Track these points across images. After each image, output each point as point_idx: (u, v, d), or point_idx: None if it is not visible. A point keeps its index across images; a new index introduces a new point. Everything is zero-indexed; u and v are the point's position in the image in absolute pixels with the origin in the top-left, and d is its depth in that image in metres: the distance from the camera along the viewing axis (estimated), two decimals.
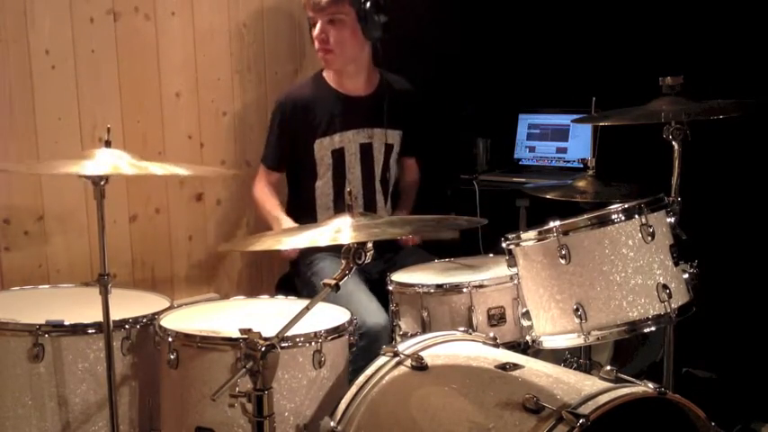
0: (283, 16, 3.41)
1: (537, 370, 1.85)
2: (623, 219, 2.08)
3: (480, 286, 2.40)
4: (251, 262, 3.43)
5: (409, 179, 3.25)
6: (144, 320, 2.26)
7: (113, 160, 2.14)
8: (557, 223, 2.10)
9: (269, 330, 1.69)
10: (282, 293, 2.85)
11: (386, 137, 3.04)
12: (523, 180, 3.28)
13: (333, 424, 1.89)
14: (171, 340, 2.09)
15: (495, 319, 2.40)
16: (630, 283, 2.07)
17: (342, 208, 1.81)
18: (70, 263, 2.91)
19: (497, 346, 2.11)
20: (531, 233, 2.16)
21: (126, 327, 2.24)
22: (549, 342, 2.19)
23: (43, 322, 2.15)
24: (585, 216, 2.10)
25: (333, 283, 1.70)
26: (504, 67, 3.60)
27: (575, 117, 2.92)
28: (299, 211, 3.01)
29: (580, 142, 3.45)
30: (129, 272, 3.07)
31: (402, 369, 1.95)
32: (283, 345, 1.80)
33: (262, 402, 1.68)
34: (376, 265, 2.72)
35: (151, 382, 2.26)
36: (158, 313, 2.26)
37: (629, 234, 2.08)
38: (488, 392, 1.78)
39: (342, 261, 1.71)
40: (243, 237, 3.34)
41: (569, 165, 3.46)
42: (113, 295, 2.12)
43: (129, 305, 2.32)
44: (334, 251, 1.76)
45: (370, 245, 1.71)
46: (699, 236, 2.28)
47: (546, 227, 2.12)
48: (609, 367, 1.78)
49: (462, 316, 2.39)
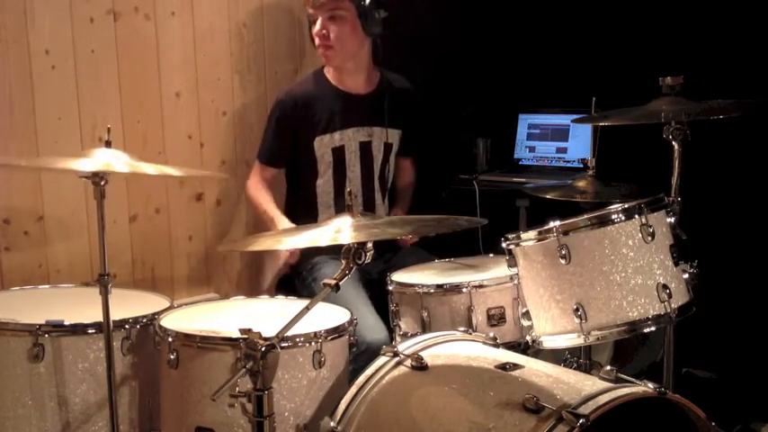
0: (283, 16, 3.41)
1: (537, 370, 1.85)
2: (623, 219, 2.08)
3: (480, 286, 2.40)
4: (251, 262, 3.43)
5: (405, 180, 3.25)
6: (144, 320, 2.26)
7: (108, 159, 2.13)
8: (557, 223, 2.10)
9: (269, 330, 1.69)
10: (282, 293, 2.85)
11: (385, 135, 3.04)
12: (523, 180, 3.28)
13: (333, 424, 1.89)
14: (171, 340, 2.09)
15: (495, 319, 2.40)
16: (630, 283, 2.07)
17: (343, 206, 1.81)
18: (70, 263, 2.91)
19: (497, 346, 2.11)
20: (531, 233, 2.16)
21: (126, 327, 2.24)
22: (549, 342, 2.19)
23: (43, 322, 2.15)
24: (585, 216, 2.10)
25: (333, 283, 1.70)
26: (504, 67, 3.60)
27: (575, 117, 2.92)
28: (299, 210, 3.01)
29: (580, 142, 3.45)
30: (129, 272, 3.07)
31: (402, 369, 1.96)
32: (283, 345, 1.80)
33: (262, 402, 1.68)
34: (376, 265, 2.72)
35: (151, 382, 2.26)
36: (158, 313, 2.26)
37: (629, 234, 2.08)
38: (488, 392, 1.78)
39: (342, 261, 1.71)
40: (243, 237, 3.34)
41: (569, 165, 3.46)
42: (113, 295, 2.12)
43: (129, 305, 2.32)
44: (335, 255, 1.76)
45: (370, 245, 1.71)
46: (699, 236, 2.28)
47: (546, 227, 2.12)
48: (609, 367, 1.78)
49: (462, 316, 2.39)
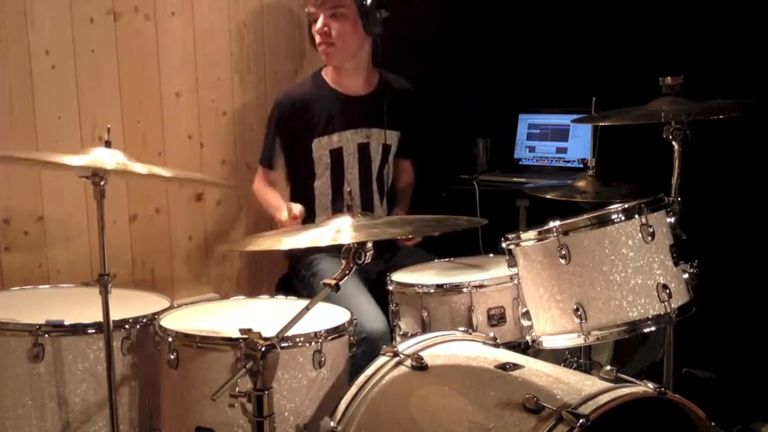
0: (283, 16, 3.41)
1: (537, 370, 1.85)
2: (623, 219, 2.08)
3: (480, 286, 2.40)
4: (251, 262, 3.43)
5: (405, 181, 3.24)
6: (144, 320, 2.26)
7: (108, 158, 2.12)
8: (557, 223, 2.10)
9: (269, 330, 1.69)
10: (282, 293, 2.85)
11: (384, 137, 3.03)
12: (523, 180, 3.28)
13: (333, 424, 1.89)
14: (171, 340, 2.09)
15: (495, 319, 2.40)
16: (630, 283, 2.07)
17: (340, 208, 1.81)
18: (70, 263, 2.91)
19: (497, 346, 2.11)
20: (531, 233, 2.16)
21: (126, 327, 2.24)
22: (549, 342, 2.19)
23: (43, 322, 2.15)
24: (585, 216, 2.10)
25: (333, 283, 1.70)
26: (504, 67, 3.60)
27: (575, 117, 2.92)
28: None
29: (580, 142, 3.45)
30: (129, 272, 3.07)
31: (402, 369, 1.95)
32: (283, 345, 1.80)
33: (262, 402, 1.68)
34: (375, 265, 2.72)
35: (151, 382, 2.26)
36: (158, 313, 2.26)
37: (629, 234, 2.08)
38: (488, 392, 1.78)
39: (342, 261, 1.71)
40: (243, 237, 3.34)
41: (569, 165, 3.46)
42: (113, 295, 2.12)
43: (129, 305, 2.32)
44: (334, 252, 1.76)
45: (369, 245, 1.71)
46: (699, 236, 2.28)
47: (546, 227, 2.12)
48: (609, 367, 1.78)
49: (462, 316, 2.39)
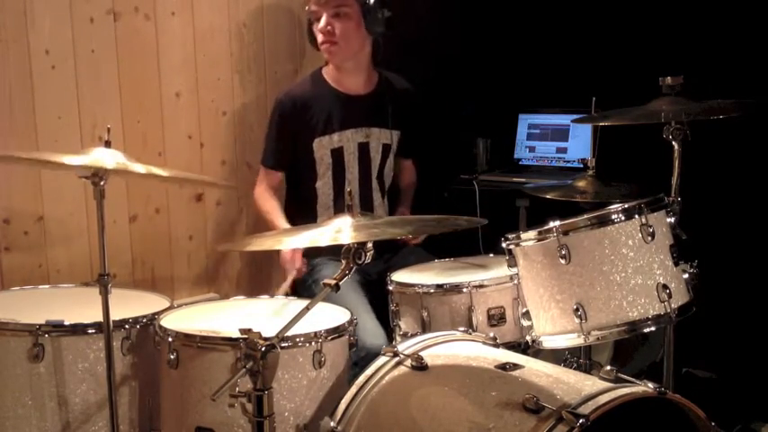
0: (283, 16, 3.41)
1: (537, 370, 1.85)
2: (623, 219, 2.08)
3: (480, 286, 2.40)
4: (251, 262, 3.43)
5: (407, 180, 3.24)
6: (144, 320, 2.26)
7: (108, 158, 2.12)
8: (557, 223, 2.10)
9: (269, 330, 1.69)
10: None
11: (383, 136, 3.03)
12: (523, 180, 3.28)
13: (333, 424, 1.89)
14: (171, 340, 2.09)
15: (495, 319, 2.40)
16: (630, 283, 2.07)
17: (342, 207, 1.81)
18: (70, 263, 2.91)
19: (497, 346, 2.11)
20: (531, 233, 2.16)
21: (126, 327, 2.24)
22: (549, 342, 2.19)
23: (43, 322, 2.15)
24: (585, 216, 2.10)
25: (333, 283, 1.70)
26: (504, 67, 3.60)
27: (575, 117, 2.92)
28: (298, 211, 3.01)
29: (580, 142, 3.45)
30: (129, 272, 3.07)
31: (402, 369, 1.95)
32: (283, 345, 1.80)
33: (262, 402, 1.68)
34: (376, 265, 2.72)
35: (151, 382, 2.26)
36: (158, 313, 2.26)
37: (629, 234, 2.08)
38: (488, 392, 1.78)
39: (342, 261, 1.71)
40: (243, 237, 3.34)
41: (569, 165, 3.46)
42: (113, 295, 2.12)
43: (129, 305, 2.32)
44: (335, 256, 1.76)
45: (370, 245, 1.71)
46: (699, 236, 2.28)
47: (546, 227, 2.12)
48: (609, 367, 1.78)
49: (462, 316, 2.39)
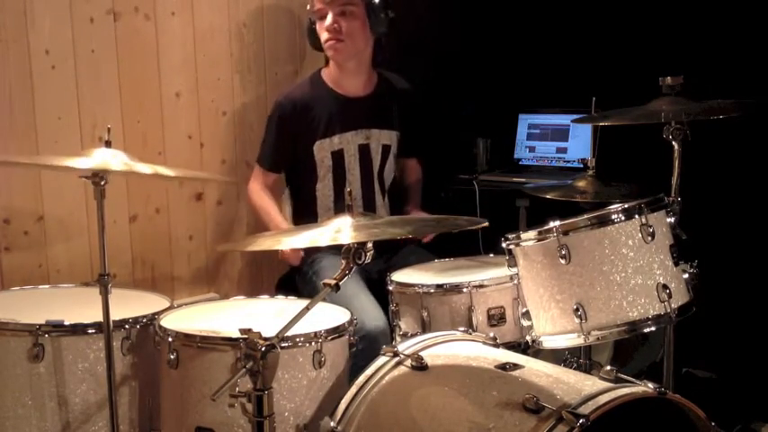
0: (283, 16, 3.41)
1: (537, 370, 1.85)
2: (623, 219, 2.08)
3: (480, 286, 2.40)
4: (251, 262, 3.43)
5: (412, 178, 3.24)
6: (144, 320, 2.26)
7: (106, 158, 2.12)
8: (557, 223, 2.10)
9: (269, 330, 1.69)
10: (282, 293, 2.84)
11: (384, 137, 3.03)
12: (523, 180, 3.28)
13: (333, 424, 1.89)
14: (171, 340, 2.09)
15: (495, 319, 2.40)
16: (630, 283, 2.07)
17: (342, 209, 1.81)
18: (70, 263, 2.91)
19: (497, 346, 2.11)
20: (531, 233, 2.16)
21: (126, 327, 2.24)
22: (549, 342, 2.19)
23: (43, 322, 2.15)
24: (585, 216, 2.10)
25: (333, 283, 1.70)
26: (504, 67, 3.60)
27: (575, 117, 2.92)
28: (300, 213, 3.02)
29: (580, 142, 3.45)
30: (129, 272, 3.07)
31: (402, 369, 1.95)
32: (283, 345, 1.80)
33: (262, 402, 1.68)
34: (376, 265, 2.72)
35: (151, 382, 2.26)
36: (158, 313, 2.26)
37: (629, 234, 2.08)
38: (488, 392, 1.78)
39: (342, 261, 1.71)
40: (243, 237, 3.34)
41: (569, 165, 3.46)
42: (113, 295, 2.12)
43: (129, 305, 2.32)
44: (336, 250, 1.76)
45: (370, 245, 1.71)
46: (699, 236, 2.28)
47: (546, 227, 2.12)
48: (609, 367, 1.78)
49: (462, 316, 2.39)
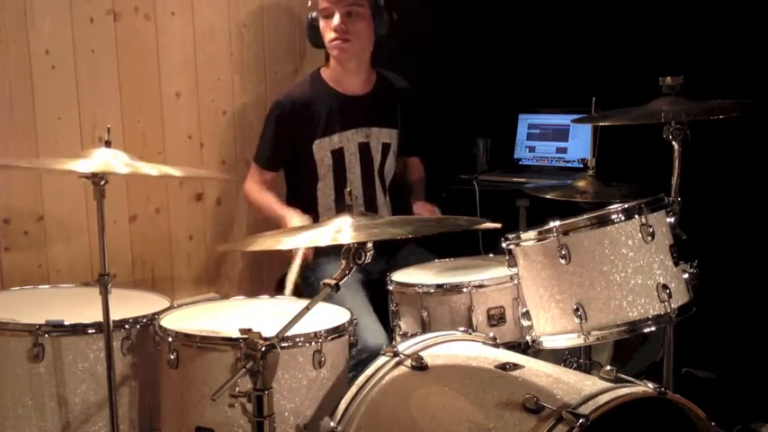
0: (283, 16, 3.41)
1: (537, 370, 1.85)
2: (623, 219, 2.08)
3: (480, 286, 2.40)
4: (251, 262, 3.43)
5: (416, 176, 3.24)
6: (144, 320, 2.26)
7: (109, 159, 2.13)
8: (557, 223, 2.10)
9: (269, 330, 1.69)
10: (282, 293, 2.84)
11: (383, 135, 3.04)
12: (523, 180, 3.28)
13: (333, 424, 1.89)
14: (171, 340, 2.09)
15: (495, 319, 2.40)
16: (630, 283, 2.07)
17: (343, 208, 1.80)
18: (70, 263, 2.91)
19: (497, 346, 2.11)
20: (531, 233, 2.16)
21: (126, 327, 2.24)
22: (549, 342, 2.19)
23: (43, 322, 2.15)
24: (585, 216, 2.10)
25: (333, 283, 1.70)
26: (504, 66, 3.60)
27: (575, 117, 2.92)
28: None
29: (580, 142, 3.45)
30: (129, 272, 3.07)
31: (402, 369, 1.95)
32: (283, 345, 1.80)
33: (262, 402, 1.68)
34: (376, 265, 2.72)
35: (151, 382, 2.26)
36: (158, 313, 2.26)
37: (629, 234, 2.08)
38: (488, 392, 1.78)
39: (342, 261, 1.71)
40: (243, 237, 3.34)
41: (569, 165, 3.46)
42: (113, 295, 2.12)
43: (129, 305, 2.32)
44: (339, 254, 1.76)
45: (370, 245, 1.71)
46: (699, 236, 2.28)
47: (546, 227, 2.12)
48: (609, 367, 1.78)
49: (462, 316, 2.39)
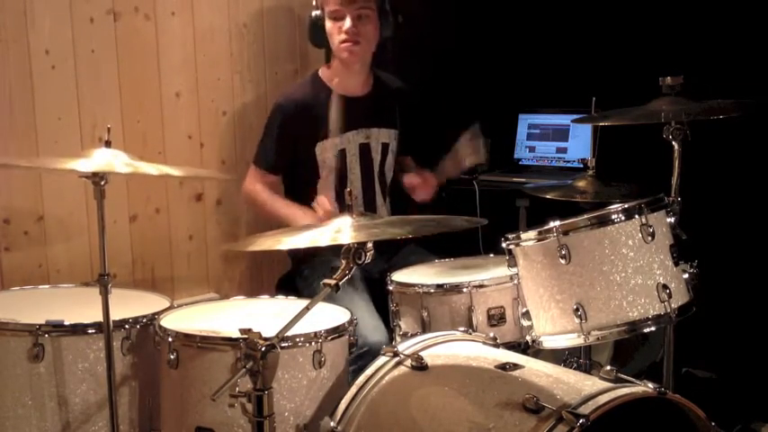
0: (283, 16, 3.41)
1: (537, 370, 1.85)
2: (623, 219, 2.08)
3: (480, 286, 2.40)
4: (251, 262, 3.43)
5: (406, 162, 3.22)
6: (144, 320, 2.26)
7: (109, 159, 2.13)
8: (557, 223, 2.10)
9: (269, 330, 1.69)
10: (282, 293, 2.84)
11: (383, 136, 3.04)
12: (523, 180, 3.28)
13: (333, 424, 1.89)
14: (171, 340, 2.09)
15: (495, 319, 2.40)
16: (630, 283, 2.07)
17: (343, 208, 1.80)
18: (70, 263, 2.91)
19: (497, 346, 2.11)
20: (531, 233, 2.16)
21: (126, 327, 2.24)
22: (549, 342, 2.19)
23: (43, 322, 2.15)
24: (585, 216, 2.10)
25: (333, 283, 1.70)
26: (504, 66, 3.60)
27: (575, 117, 2.92)
28: None
29: (580, 142, 3.45)
30: (129, 272, 3.07)
31: (402, 369, 1.95)
32: (283, 345, 1.80)
33: (262, 402, 1.68)
34: (377, 265, 2.72)
35: (151, 382, 2.26)
36: (158, 313, 2.26)
37: (629, 234, 2.08)
38: (488, 392, 1.78)
39: (342, 261, 1.71)
40: (243, 237, 3.34)
41: (569, 165, 3.46)
42: (113, 295, 2.12)
43: (129, 305, 2.32)
44: (339, 253, 1.76)
45: (370, 245, 1.71)
46: (699, 236, 2.28)
47: (546, 227, 2.12)
48: (609, 367, 1.78)
49: (462, 316, 2.39)
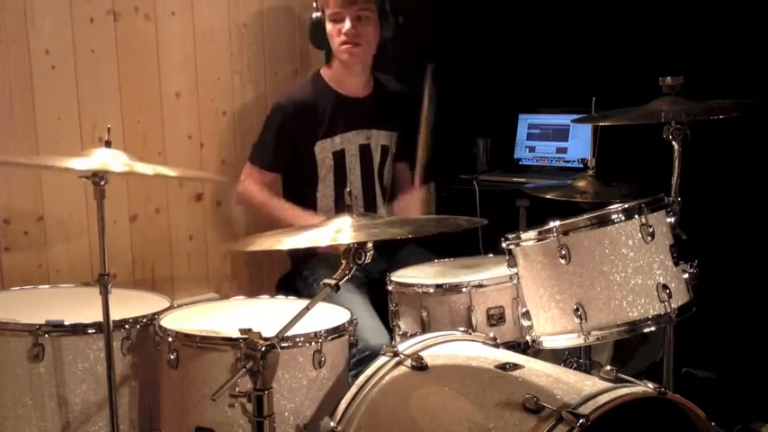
0: (283, 16, 3.41)
1: (537, 370, 1.85)
2: (623, 219, 2.08)
3: (480, 286, 2.39)
4: (251, 262, 3.43)
5: (403, 182, 3.21)
6: (144, 320, 2.26)
7: (109, 159, 2.12)
8: (557, 223, 2.10)
9: (269, 330, 1.69)
10: (282, 293, 2.85)
11: (382, 137, 3.04)
12: (523, 180, 3.28)
13: (333, 424, 1.89)
14: (171, 340, 2.09)
15: (495, 319, 2.39)
16: (630, 283, 2.07)
17: (343, 209, 1.80)
18: (70, 263, 2.91)
19: (497, 346, 2.11)
20: (531, 233, 2.16)
21: (126, 327, 2.24)
22: (549, 342, 2.19)
23: (43, 322, 2.15)
24: (585, 216, 2.10)
25: (333, 283, 1.70)
26: (504, 66, 3.60)
27: (575, 117, 2.92)
28: None
29: (580, 142, 3.45)
30: (129, 272, 3.07)
31: (402, 369, 1.95)
32: (283, 345, 1.80)
33: (262, 402, 1.68)
34: (376, 265, 2.72)
35: (151, 382, 2.26)
36: (158, 313, 2.26)
37: (629, 234, 2.08)
38: (488, 392, 1.78)
39: (342, 261, 1.71)
40: (243, 237, 3.34)
41: (569, 165, 3.46)
42: (113, 295, 2.12)
43: (129, 305, 2.32)
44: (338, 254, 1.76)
45: (370, 245, 1.71)
46: (699, 236, 2.28)
47: (546, 227, 2.12)
48: (609, 367, 1.78)
49: (462, 316, 2.39)
